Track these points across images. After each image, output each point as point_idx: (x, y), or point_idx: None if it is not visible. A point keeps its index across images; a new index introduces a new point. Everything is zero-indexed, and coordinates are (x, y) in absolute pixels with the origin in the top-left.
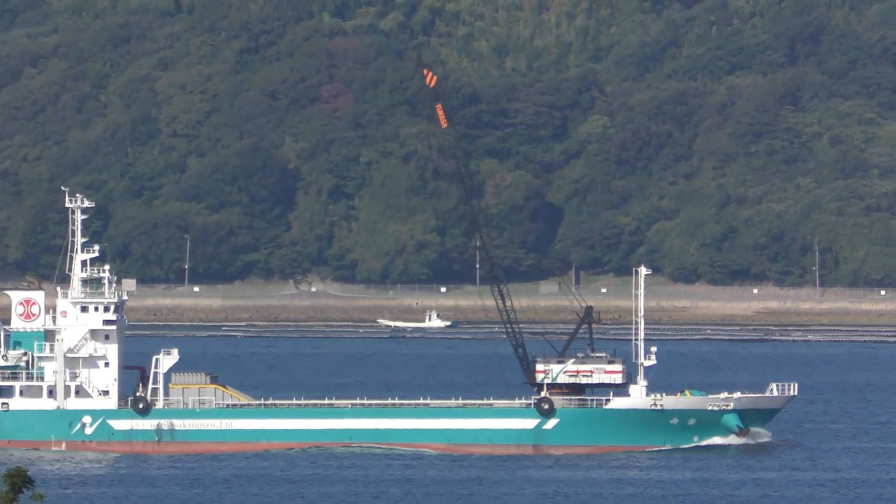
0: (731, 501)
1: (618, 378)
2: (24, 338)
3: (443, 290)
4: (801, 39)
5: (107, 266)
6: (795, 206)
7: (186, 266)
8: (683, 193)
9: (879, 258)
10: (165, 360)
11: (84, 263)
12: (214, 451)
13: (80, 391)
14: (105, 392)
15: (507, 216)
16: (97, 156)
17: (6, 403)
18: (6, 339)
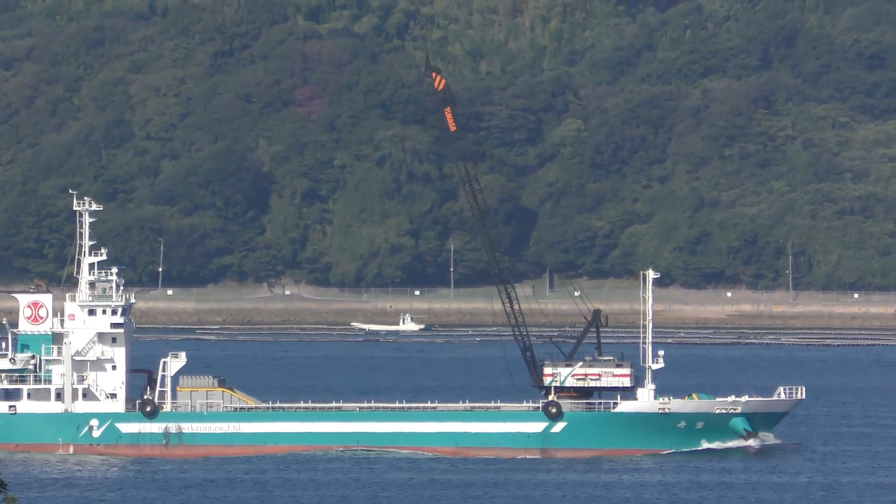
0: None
1: (626, 381)
2: (32, 341)
3: (417, 294)
4: (775, 43)
5: (114, 269)
6: (769, 210)
7: (160, 269)
8: (657, 197)
9: (852, 261)
10: (173, 363)
11: (92, 267)
12: (222, 455)
13: (88, 394)
14: (113, 395)
15: (481, 219)
16: (71, 159)
17: (14, 406)
18: (14, 342)
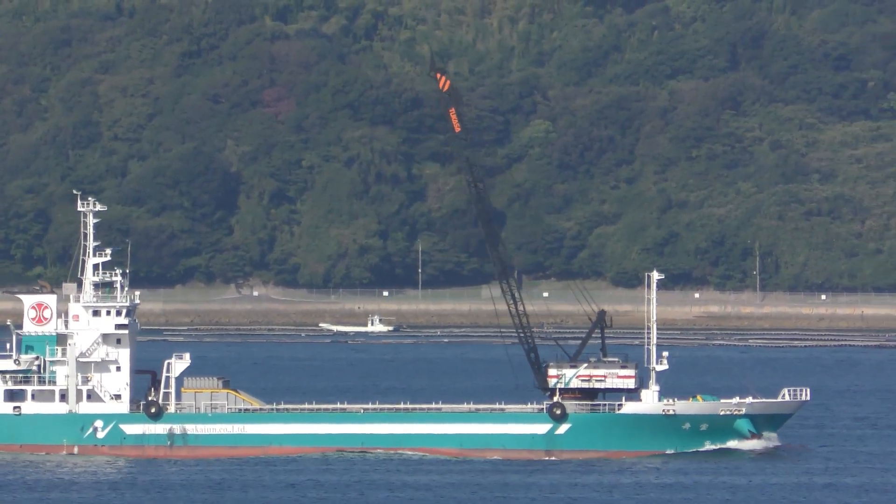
0: None
1: (630, 383)
2: (37, 342)
3: (385, 295)
4: (743, 44)
5: (118, 270)
6: (736, 211)
7: (127, 270)
8: (625, 198)
9: (820, 263)
10: (177, 365)
11: (96, 267)
12: (227, 456)
13: (92, 395)
14: (117, 396)
15: (450, 220)
16: (38, 159)
17: (18, 407)
18: (18, 343)
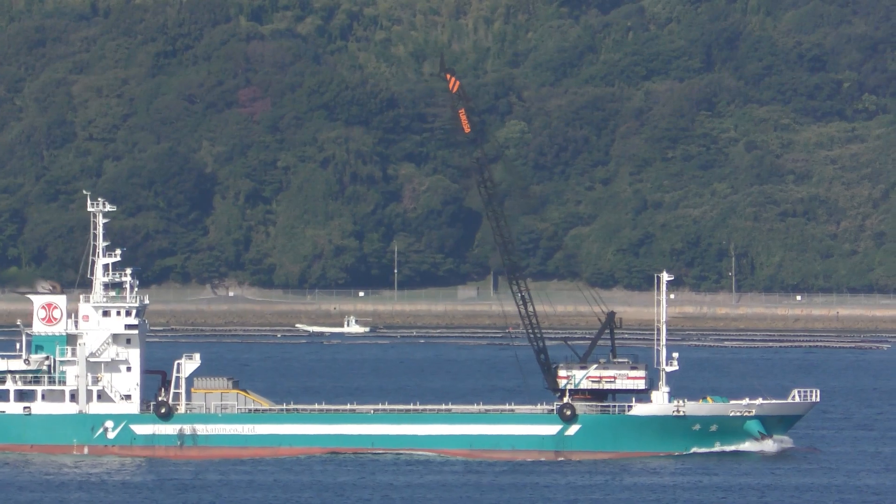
0: None
1: (640, 384)
2: (47, 342)
3: (361, 295)
4: (718, 45)
5: (128, 270)
6: (711, 212)
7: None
8: (600, 199)
9: (795, 263)
10: (187, 365)
11: (106, 268)
12: (237, 456)
13: (103, 395)
14: (127, 396)
15: (425, 221)
16: (13, 159)
17: (28, 407)
18: (28, 344)
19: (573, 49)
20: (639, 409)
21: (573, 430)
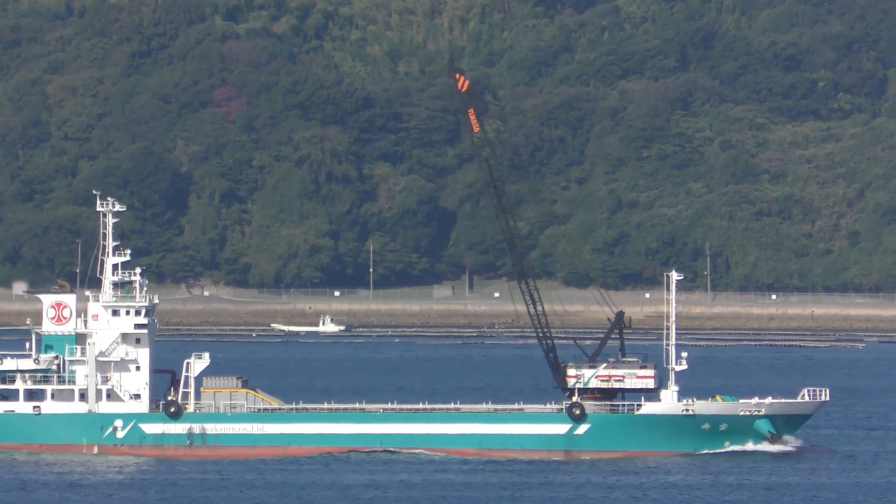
0: None
1: (649, 383)
2: (56, 341)
3: (336, 294)
4: (693, 45)
5: (138, 270)
6: (687, 211)
7: (77, 270)
8: (576, 198)
9: (770, 263)
10: (196, 364)
11: (115, 267)
12: (246, 456)
13: (112, 395)
14: (136, 396)
15: (400, 220)
16: None
17: (38, 407)
18: (38, 343)
19: (548, 48)
20: (648, 409)
21: (582, 430)
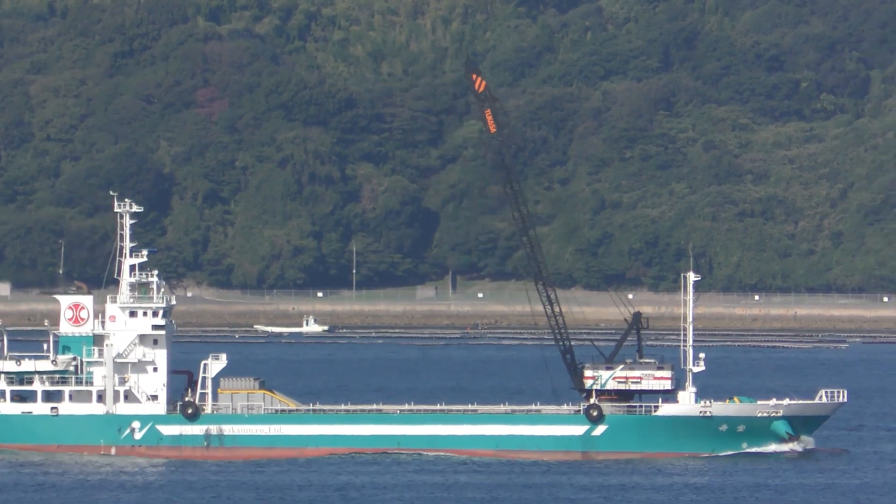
0: None
1: (667, 384)
2: (73, 342)
3: (319, 295)
4: (676, 45)
5: (155, 271)
6: (670, 212)
7: (61, 271)
8: (559, 199)
9: (753, 263)
10: (214, 365)
11: (132, 268)
12: (263, 457)
13: (129, 396)
14: (154, 397)
15: (384, 221)
16: None
17: (56, 408)
18: (55, 344)
19: (531, 49)
20: (665, 410)
21: (600, 431)
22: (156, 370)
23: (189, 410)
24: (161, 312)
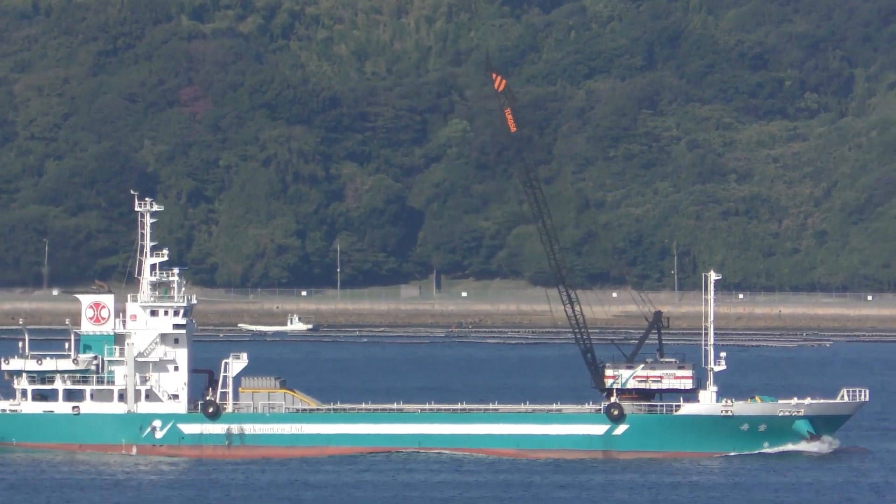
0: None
1: (687, 383)
2: (95, 341)
3: (303, 294)
4: (659, 44)
5: (176, 270)
6: (654, 211)
7: (44, 270)
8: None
9: (737, 262)
10: (235, 364)
11: (153, 267)
12: (284, 456)
13: (150, 395)
14: (175, 396)
15: (368, 220)
16: None
17: (77, 407)
18: (77, 343)
19: (515, 48)
20: (687, 409)
21: (621, 430)
22: (177, 369)
23: (210, 409)
24: (182, 311)
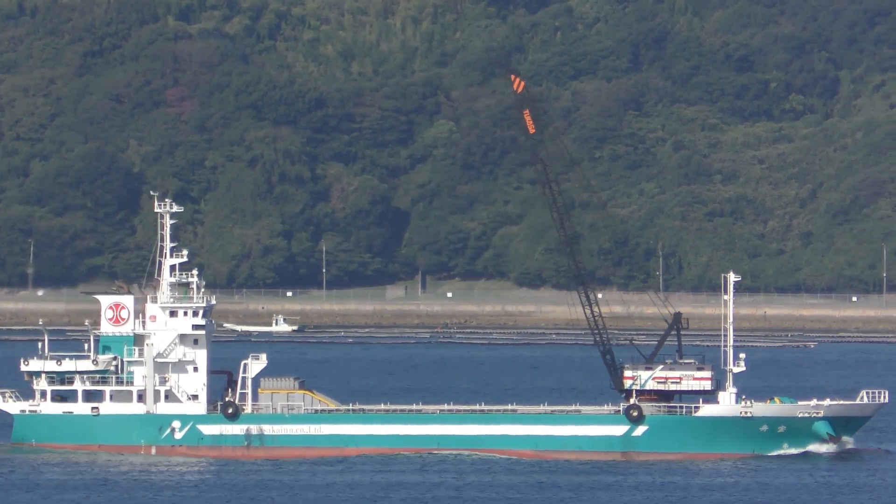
0: None
1: (707, 385)
2: (114, 342)
3: (289, 295)
4: (645, 45)
5: (195, 271)
6: (639, 212)
7: (30, 270)
8: (528, 198)
9: (723, 263)
10: (254, 365)
11: (173, 268)
12: (303, 457)
13: (170, 396)
14: (194, 397)
15: (354, 220)
16: None
17: (96, 408)
18: (96, 344)
19: (501, 49)
20: (706, 410)
21: (640, 431)
22: (196, 370)
23: (229, 410)
24: (201, 312)
